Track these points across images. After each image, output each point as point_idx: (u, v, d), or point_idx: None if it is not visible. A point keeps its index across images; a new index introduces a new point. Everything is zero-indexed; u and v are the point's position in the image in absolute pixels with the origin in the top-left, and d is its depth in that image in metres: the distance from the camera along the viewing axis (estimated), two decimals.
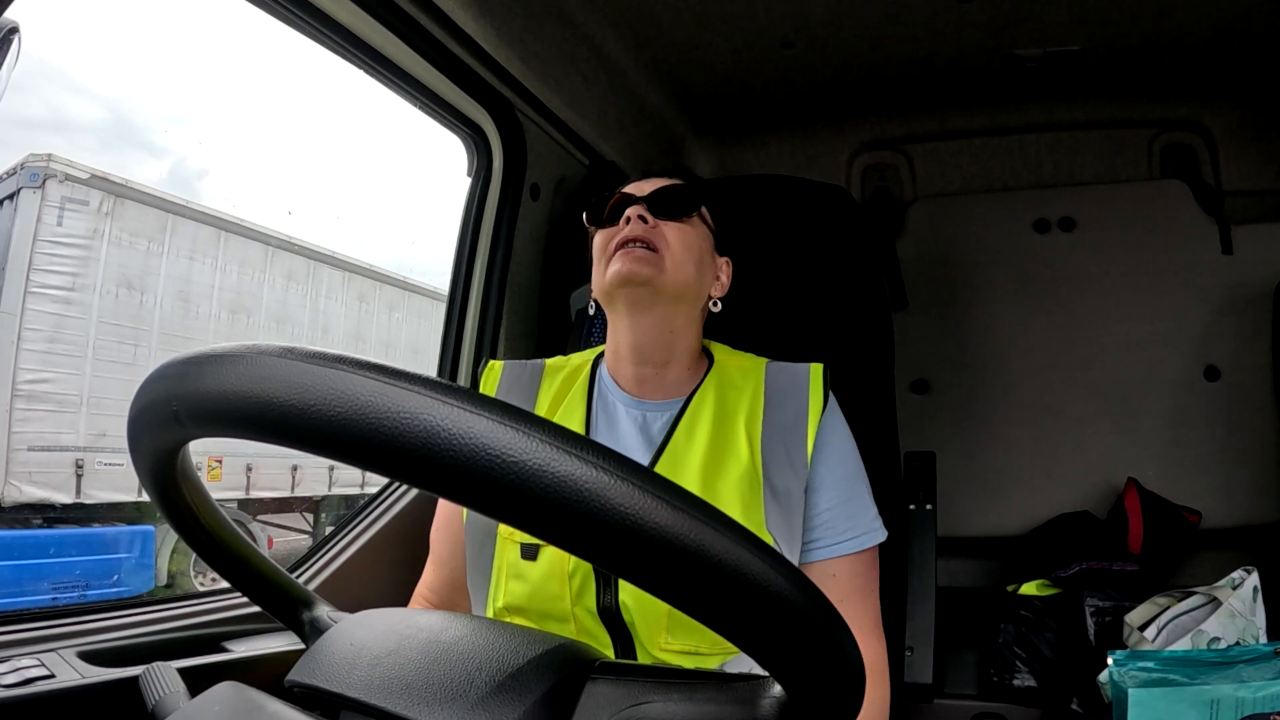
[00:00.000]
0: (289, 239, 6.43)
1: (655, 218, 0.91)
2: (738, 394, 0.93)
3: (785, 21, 1.59)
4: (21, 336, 4.63)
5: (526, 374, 0.99)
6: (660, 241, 0.90)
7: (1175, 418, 1.81)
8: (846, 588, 0.88)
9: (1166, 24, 1.61)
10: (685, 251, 0.91)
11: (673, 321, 0.92)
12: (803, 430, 0.90)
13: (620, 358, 0.95)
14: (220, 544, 0.50)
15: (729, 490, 0.85)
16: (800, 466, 0.89)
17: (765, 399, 0.92)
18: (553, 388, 0.96)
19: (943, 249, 1.96)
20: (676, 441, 0.89)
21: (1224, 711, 1.13)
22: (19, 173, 4.70)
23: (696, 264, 0.92)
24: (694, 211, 0.95)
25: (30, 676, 0.78)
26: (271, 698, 0.45)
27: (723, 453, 0.88)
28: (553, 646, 0.44)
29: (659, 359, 0.93)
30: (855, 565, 0.89)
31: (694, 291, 0.93)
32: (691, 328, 0.95)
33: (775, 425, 0.90)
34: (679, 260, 0.90)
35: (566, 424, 0.90)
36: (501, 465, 0.29)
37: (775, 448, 0.89)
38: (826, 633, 0.34)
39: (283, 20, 1.12)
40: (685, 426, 0.90)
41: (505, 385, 0.97)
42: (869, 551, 0.90)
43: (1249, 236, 1.81)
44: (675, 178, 0.97)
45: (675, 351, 0.93)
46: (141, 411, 0.40)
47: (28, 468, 4.66)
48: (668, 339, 0.92)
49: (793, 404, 0.92)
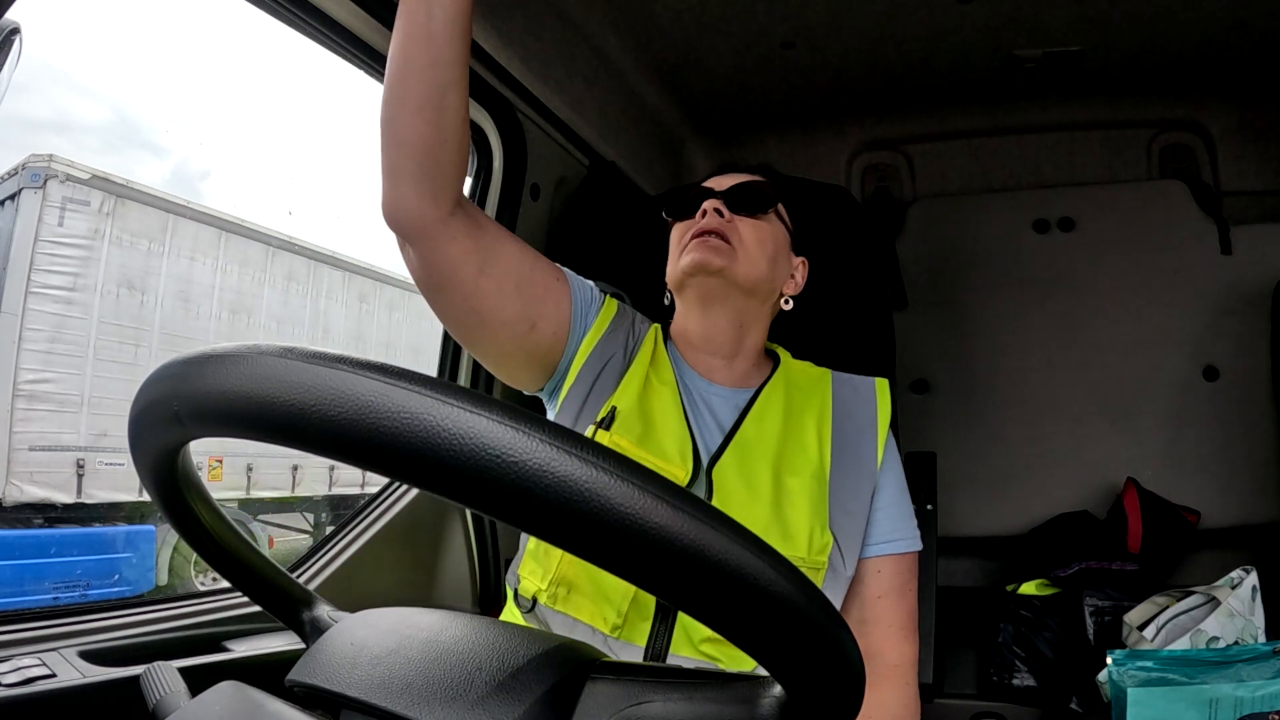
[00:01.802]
0: (289, 239, 6.43)
1: (731, 212, 0.93)
2: (805, 397, 0.95)
3: (785, 22, 1.60)
4: (23, 337, 4.63)
5: (639, 325, 0.98)
6: (734, 235, 0.91)
7: (1174, 418, 1.81)
8: (887, 585, 0.91)
9: (1166, 24, 1.61)
10: (759, 246, 0.92)
11: (743, 315, 0.94)
12: (872, 437, 0.94)
13: (689, 344, 0.96)
14: (221, 544, 0.50)
15: (799, 485, 0.87)
16: (870, 471, 0.92)
17: (834, 406, 0.95)
18: (646, 343, 0.96)
19: (942, 249, 1.96)
20: (746, 429, 0.91)
21: (1223, 711, 1.13)
22: (20, 173, 4.70)
23: (770, 260, 0.94)
24: (770, 208, 0.96)
25: (32, 676, 0.78)
26: (272, 697, 0.45)
27: (793, 449, 0.90)
28: (553, 646, 0.44)
29: (728, 351, 0.95)
30: (898, 565, 0.92)
31: (766, 287, 0.94)
32: (761, 323, 0.97)
33: (845, 430, 0.93)
34: (752, 254, 0.92)
35: (659, 386, 0.91)
36: (502, 465, 0.29)
37: (845, 452, 0.92)
38: (826, 632, 0.34)
39: (283, 20, 1.12)
40: (755, 416, 0.92)
41: (616, 323, 0.95)
42: (911, 555, 0.94)
43: (1248, 237, 1.82)
44: (756, 174, 0.99)
45: (744, 345, 0.96)
46: (142, 411, 0.40)
47: (29, 467, 4.66)
48: (737, 332, 0.94)
49: (861, 413, 0.95)
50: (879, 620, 0.91)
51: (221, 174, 11.51)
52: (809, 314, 1.18)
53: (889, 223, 2.02)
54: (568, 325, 0.91)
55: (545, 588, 0.84)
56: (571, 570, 0.84)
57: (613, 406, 0.88)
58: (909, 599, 0.93)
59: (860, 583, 0.91)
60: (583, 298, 0.93)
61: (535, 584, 0.85)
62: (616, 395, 0.89)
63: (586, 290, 0.94)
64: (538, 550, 0.87)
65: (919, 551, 0.95)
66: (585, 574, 0.83)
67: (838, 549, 0.87)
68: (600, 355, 0.92)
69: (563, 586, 0.84)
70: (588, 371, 0.91)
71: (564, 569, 0.84)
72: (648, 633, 0.82)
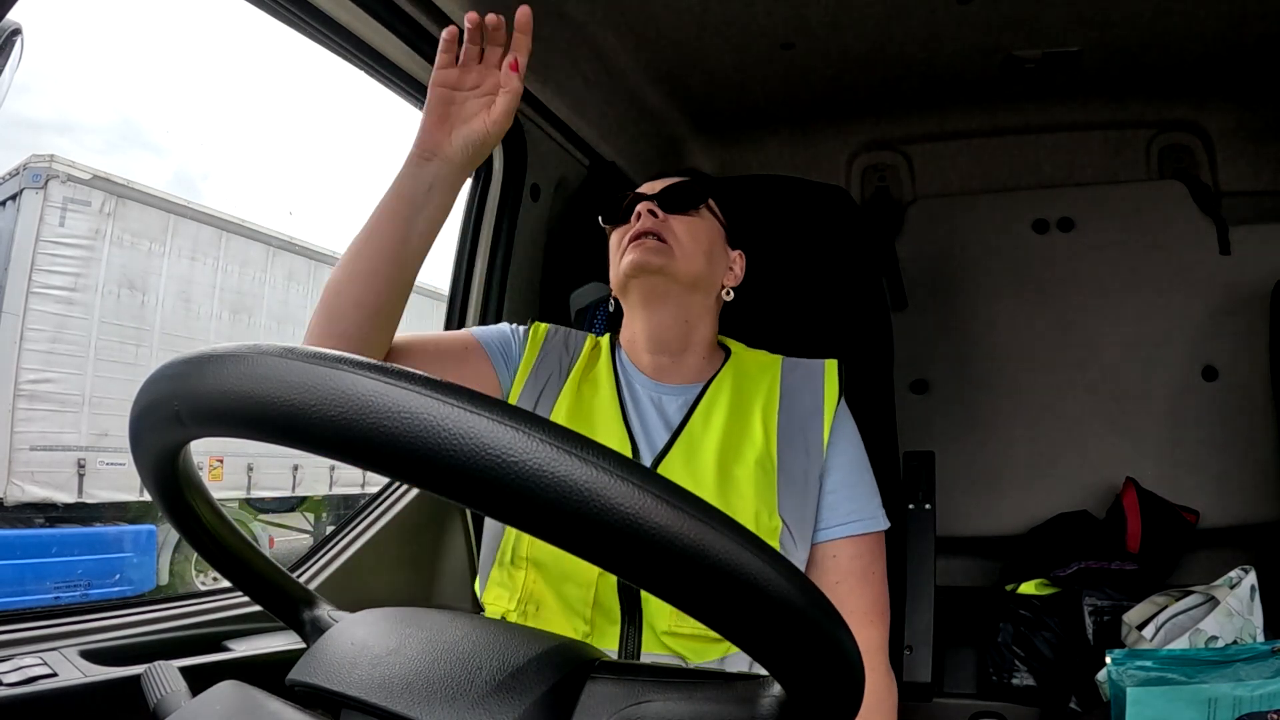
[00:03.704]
0: (290, 239, 6.43)
1: (664, 212, 0.95)
2: (754, 385, 0.96)
3: (785, 22, 1.60)
4: (24, 337, 4.63)
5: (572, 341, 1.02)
6: (670, 234, 0.94)
7: (1173, 417, 1.81)
8: (845, 570, 0.90)
9: (1165, 25, 1.61)
10: (694, 242, 0.95)
11: (687, 311, 0.96)
12: (819, 419, 0.94)
13: (637, 347, 0.98)
14: (221, 543, 0.50)
15: (744, 474, 0.88)
16: (816, 453, 0.92)
17: (782, 391, 0.96)
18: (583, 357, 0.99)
19: (942, 249, 1.97)
20: (693, 425, 0.92)
21: (1221, 710, 1.13)
22: (21, 173, 4.70)
23: (706, 254, 0.96)
24: (700, 204, 0.98)
25: (33, 675, 0.78)
26: (273, 697, 0.45)
27: (739, 438, 0.91)
28: (553, 646, 0.44)
29: (675, 348, 0.97)
30: (855, 548, 0.91)
31: (706, 281, 0.96)
32: (706, 317, 0.98)
33: (792, 414, 0.94)
34: (689, 250, 0.94)
35: (596, 393, 0.94)
36: (502, 465, 0.29)
37: (792, 436, 0.92)
38: (826, 632, 0.34)
39: (283, 20, 1.12)
40: (702, 411, 0.93)
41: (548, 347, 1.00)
42: (871, 537, 0.92)
43: (1247, 237, 1.82)
44: (682, 175, 1.01)
45: (691, 341, 0.97)
46: (143, 411, 0.40)
47: (30, 467, 4.66)
48: (683, 328, 0.96)
49: (809, 395, 0.96)
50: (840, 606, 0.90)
51: (223, 174, 11.51)
52: (810, 314, 1.18)
53: (888, 223, 2.02)
54: (496, 382, 0.95)
55: (514, 608, 0.86)
56: (538, 588, 0.85)
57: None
58: (873, 582, 0.91)
59: (817, 568, 0.90)
60: (500, 349, 0.97)
61: (503, 605, 0.87)
62: (554, 412, 0.93)
63: (501, 338, 0.98)
64: (501, 576, 0.88)
65: (882, 532, 0.93)
66: (550, 589, 0.85)
67: (788, 532, 0.87)
68: (536, 380, 0.96)
69: (531, 604, 0.85)
70: (525, 397, 0.94)
71: (530, 586, 0.85)
72: (618, 635, 0.83)
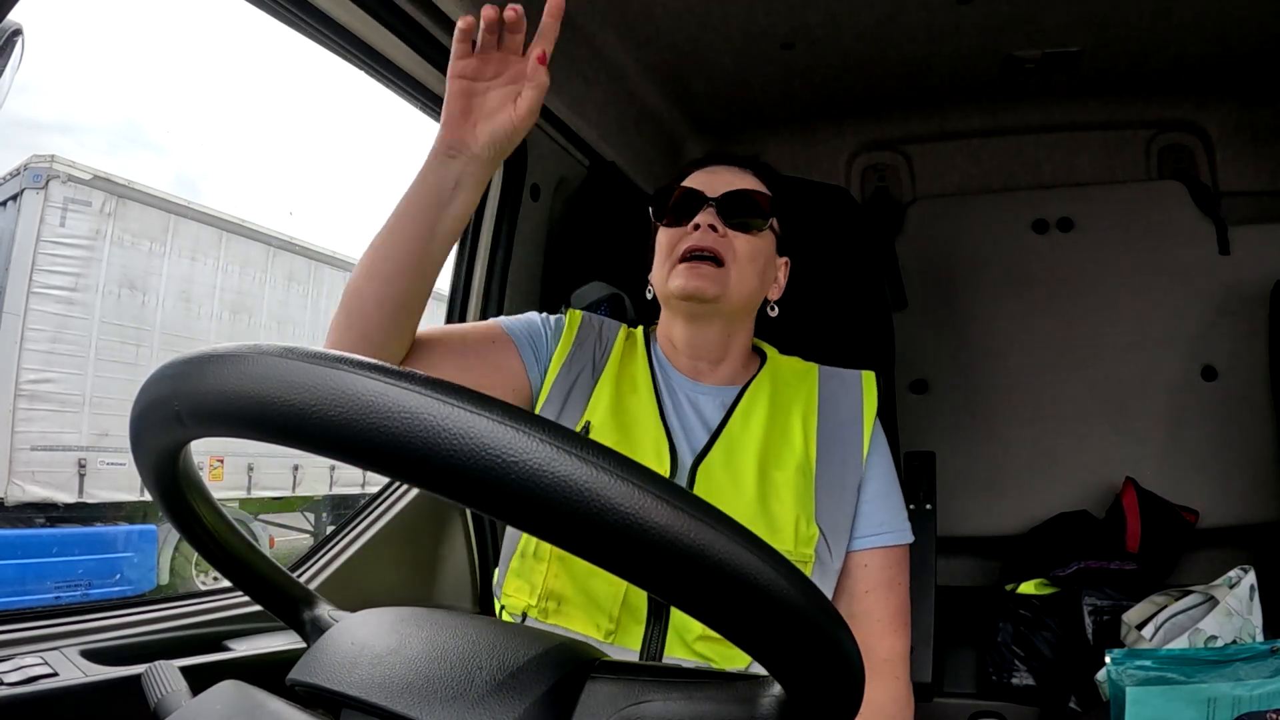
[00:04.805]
0: (290, 239, 6.43)
1: (725, 225, 0.90)
2: (792, 391, 0.95)
3: (785, 22, 1.60)
4: (24, 337, 4.63)
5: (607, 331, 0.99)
6: (728, 254, 0.89)
7: (1173, 417, 1.81)
8: (875, 579, 0.91)
9: (1164, 25, 1.61)
10: (751, 264, 0.91)
11: (731, 327, 0.95)
12: (857, 429, 0.94)
13: (676, 350, 0.97)
14: (221, 543, 0.50)
15: (783, 478, 0.88)
16: (854, 463, 0.92)
17: (820, 399, 0.95)
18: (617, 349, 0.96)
19: (942, 249, 1.97)
20: (732, 426, 0.91)
21: (1221, 709, 1.13)
22: (22, 174, 4.70)
23: (761, 274, 0.93)
24: (766, 224, 0.93)
25: (34, 675, 0.78)
26: (273, 696, 0.45)
27: (778, 443, 0.90)
28: (553, 646, 0.44)
29: (715, 357, 0.96)
30: (886, 558, 0.92)
31: (755, 300, 0.95)
32: (746, 328, 0.98)
33: (831, 424, 0.93)
34: (745, 274, 0.90)
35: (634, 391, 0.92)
36: (502, 465, 0.30)
37: (830, 444, 0.92)
38: (826, 632, 0.34)
39: (283, 21, 1.12)
40: (741, 413, 0.92)
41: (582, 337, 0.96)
42: (900, 549, 0.93)
43: (1246, 237, 1.82)
44: (747, 169, 0.97)
45: (730, 350, 0.96)
46: (144, 411, 0.40)
47: (31, 467, 4.66)
48: (724, 341, 0.95)
49: (847, 405, 0.95)
50: (868, 614, 0.90)
51: (223, 174, 11.52)
52: (809, 314, 1.18)
53: (888, 223, 2.02)
54: (524, 375, 0.92)
55: (535, 603, 0.85)
56: (559, 583, 0.84)
57: (587, 421, 0.89)
58: (899, 592, 0.92)
59: (848, 577, 0.91)
60: (529, 341, 0.93)
61: (523, 600, 0.86)
62: (589, 409, 0.90)
63: (530, 329, 0.95)
64: (522, 568, 0.87)
65: (909, 544, 0.94)
66: (573, 585, 0.84)
67: (824, 541, 0.87)
68: (568, 373, 0.92)
69: (552, 600, 0.84)
70: (557, 391, 0.91)
71: (551, 583, 0.84)
72: (641, 635, 0.82)
